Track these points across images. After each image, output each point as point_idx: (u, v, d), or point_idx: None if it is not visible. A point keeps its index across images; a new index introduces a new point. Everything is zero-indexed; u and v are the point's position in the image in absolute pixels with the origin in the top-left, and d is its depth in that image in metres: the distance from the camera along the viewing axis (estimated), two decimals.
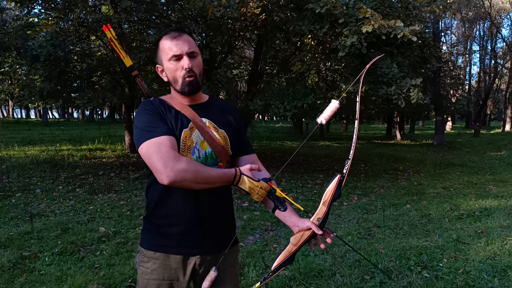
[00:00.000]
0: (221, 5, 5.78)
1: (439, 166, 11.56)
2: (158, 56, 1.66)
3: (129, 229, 5.12)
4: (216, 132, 1.65)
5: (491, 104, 43.07)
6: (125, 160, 11.24)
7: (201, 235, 1.64)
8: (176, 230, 1.62)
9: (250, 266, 3.75)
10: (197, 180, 1.46)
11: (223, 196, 1.71)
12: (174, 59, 1.59)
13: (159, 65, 1.67)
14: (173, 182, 1.41)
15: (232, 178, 1.52)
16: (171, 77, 1.63)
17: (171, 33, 1.62)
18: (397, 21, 5.74)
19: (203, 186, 1.49)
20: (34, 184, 7.81)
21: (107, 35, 1.84)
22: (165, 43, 1.61)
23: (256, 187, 1.53)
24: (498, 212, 5.80)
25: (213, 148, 1.62)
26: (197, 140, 1.61)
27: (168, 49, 1.59)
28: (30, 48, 7.14)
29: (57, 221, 5.28)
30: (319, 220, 1.56)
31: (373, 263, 3.78)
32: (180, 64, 1.59)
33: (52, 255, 4.16)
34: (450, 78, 23.51)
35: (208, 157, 1.62)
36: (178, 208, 1.61)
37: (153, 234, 1.68)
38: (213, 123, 1.66)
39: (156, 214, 1.66)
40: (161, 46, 1.62)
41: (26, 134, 18.88)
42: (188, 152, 1.58)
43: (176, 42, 1.59)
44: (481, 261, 3.87)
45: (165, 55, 1.61)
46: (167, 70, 1.63)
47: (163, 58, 1.63)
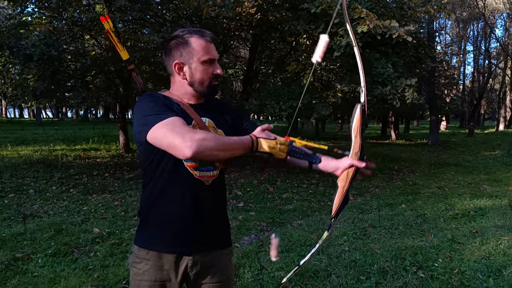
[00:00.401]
0: (216, 4, 5.75)
1: (434, 165, 11.60)
2: (181, 52, 1.58)
3: (124, 230, 5.08)
4: (215, 132, 1.63)
5: (485, 104, 43.35)
6: (119, 160, 11.18)
7: (195, 234, 1.62)
8: (170, 228, 1.61)
9: (245, 267, 3.73)
10: (219, 147, 1.41)
11: (218, 197, 1.70)
12: (209, 62, 1.57)
13: (181, 62, 1.59)
14: (196, 152, 1.34)
15: (250, 145, 1.48)
16: (199, 78, 1.59)
17: (205, 33, 1.58)
18: (392, 21, 5.73)
19: (226, 153, 1.44)
20: (27, 184, 7.74)
21: (104, 26, 1.79)
22: (199, 43, 1.56)
23: (276, 144, 1.50)
24: (493, 212, 5.81)
25: None
26: None
27: (205, 51, 1.56)
28: (23, 47, 7.07)
29: (51, 222, 5.23)
30: (357, 154, 1.57)
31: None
32: (211, 69, 1.58)
33: (45, 256, 4.12)
34: (444, 78, 23.62)
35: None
36: (173, 206, 1.60)
37: (147, 231, 1.66)
38: (212, 122, 1.65)
39: (151, 212, 1.65)
40: (193, 44, 1.56)
41: (19, 134, 18.73)
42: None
43: (211, 45, 1.57)
44: (476, 261, 3.86)
45: (199, 55, 1.56)
46: (195, 70, 1.58)
47: (193, 58, 1.57)
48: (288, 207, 6.57)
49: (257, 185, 8.28)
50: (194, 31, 1.58)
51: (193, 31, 1.58)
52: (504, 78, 37.69)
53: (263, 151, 1.49)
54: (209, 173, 1.62)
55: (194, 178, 1.59)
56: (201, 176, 1.59)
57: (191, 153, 1.34)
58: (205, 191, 1.61)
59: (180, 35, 1.59)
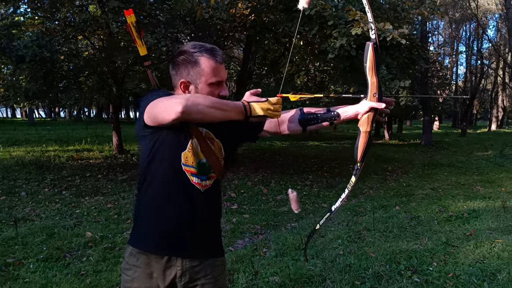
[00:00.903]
0: (210, 6, 5.72)
1: (427, 166, 11.63)
2: (189, 71, 1.54)
3: (117, 233, 5.04)
4: (212, 143, 1.62)
5: (477, 104, 43.60)
6: (112, 161, 11.09)
7: (186, 239, 1.61)
8: (162, 229, 1.61)
9: (239, 272, 3.70)
10: (211, 105, 1.37)
11: (211, 206, 1.68)
12: (216, 84, 1.55)
13: (188, 81, 1.56)
14: (186, 106, 1.30)
15: (243, 109, 1.44)
16: None
17: (216, 53, 1.54)
18: (387, 24, 5.74)
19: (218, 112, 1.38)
20: (19, 186, 7.66)
21: (127, 20, 1.76)
22: (209, 64, 1.53)
23: (268, 105, 1.46)
24: (486, 214, 5.83)
25: (208, 158, 1.60)
26: (196, 148, 1.59)
27: (214, 73, 1.53)
28: (15, 49, 6.99)
29: (43, 226, 5.17)
30: (376, 95, 1.55)
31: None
32: (217, 90, 1.56)
33: (37, 261, 4.06)
34: (437, 79, 23.72)
35: (202, 166, 1.59)
36: (167, 209, 1.59)
37: (139, 231, 1.67)
38: (210, 132, 1.62)
39: (145, 213, 1.65)
40: (203, 65, 1.53)
41: (11, 134, 18.54)
42: (193, 154, 1.58)
43: (221, 66, 1.54)
44: (470, 265, 3.87)
45: (207, 76, 1.53)
46: (201, 91, 1.55)
47: (201, 78, 1.54)
48: (283, 209, 6.55)
49: (251, 186, 8.25)
50: (205, 49, 1.54)
51: (204, 50, 1.54)
52: (496, 78, 37.96)
53: (258, 115, 1.46)
54: (204, 182, 1.61)
55: (191, 184, 1.58)
56: (197, 183, 1.59)
57: (181, 109, 1.29)
58: (200, 198, 1.60)
59: (190, 52, 1.55)
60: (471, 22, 33.14)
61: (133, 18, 1.76)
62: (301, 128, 1.68)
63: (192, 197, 1.59)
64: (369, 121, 1.58)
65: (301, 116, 1.66)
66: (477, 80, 35.90)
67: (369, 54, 1.52)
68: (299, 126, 1.68)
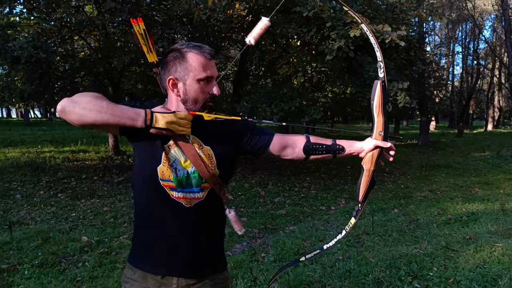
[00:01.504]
0: (207, 7, 5.67)
1: (425, 167, 11.62)
2: (177, 67, 1.47)
3: (113, 237, 4.98)
4: (201, 150, 1.52)
5: (473, 104, 43.69)
6: (108, 163, 11.02)
7: (178, 257, 1.55)
8: (154, 248, 1.55)
9: (238, 279, 3.65)
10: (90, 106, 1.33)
11: (203, 220, 1.58)
12: (205, 80, 1.47)
13: (176, 78, 1.48)
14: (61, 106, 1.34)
15: (141, 118, 1.36)
16: (192, 96, 1.49)
17: (206, 49, 1.47)
18: (385, 26, 5.70)
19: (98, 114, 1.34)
20: (14, 189, 7.58)
21: (134, 28, 1.71)
22: (197, 59, 1.45)
23: (174, 118, 1.39)
24: (485, 217, 5.80)
25: (197, 167, 1.50)
26: (175, 158, 1.50)
27: (202, 69, 1.46)
28: (10, 50, 6.90)
29: (38, 230, 5.11)
30: (381, 134, 1.52)
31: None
32: (207, 88, 1.48)
33: (32, 267, 4.00)
34: (434, 79, 23.73)
35: (191, 177, 1.51)
36: (154, 226, 1.54)
37: (135, 248, 1.63)
38: (197, 139, 1.53)
39: (138, 229, 1.62)
40: (191, 59, 1.45)
41: (6, 135, 18.42)
42: (169, 167, 1.49)
43: (211, 63, 1.47)
44: (471, 270, 3.83)
45: (196, 72, 1.46)
46: (189, 88, 1.48)
47: (189, 74, 1.46)
48: (281, 212, 6.50)
49: (248, 188, 8.20)
50: (193, 45, 1.48)
51: (192, 46, 1.47)
52: (492, 78, 38.06)
53: (160, 128, 1.38)
54: (191, 194, 1.52)
55: (171, 199, 1.50)
56: (180, 198, 1.50)
57: (58, 108, 1.32)
58: (185, 214, 1.51)
59: (178, 48, 1.49)
60: (467, 23, 33.22)
61: (141, 27, 1.70)
62: (304, 156, 1.64)
63: (175, 213, 1.51)
64: (373, 160, 1.55)
65: (307, 144, 1.62)
66: (473, 81, 35.99)
67: (377, 92, 1.49)
68: (302, 153, 1.64)
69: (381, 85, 1.49)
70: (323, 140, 1.63)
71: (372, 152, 1.55)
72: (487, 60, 36.97)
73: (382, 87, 1.49)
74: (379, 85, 1.49)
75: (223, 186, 1.60)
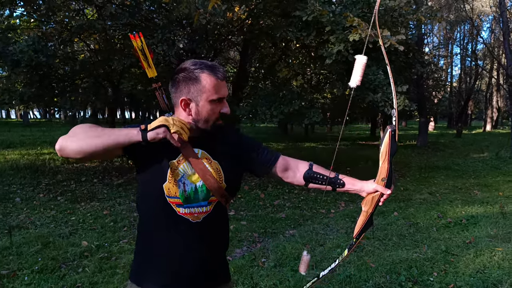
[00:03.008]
0: (208, 12, 5.67)
1: (424, 169, 11.63)
2: (190, 89, 1.48)
3: (113, 242, 4.97)
4: (209, 164, 1.53)
5: (472, 105, 43.77)
6: (108, 165, 11.01)
7: (182, 274, 1.55)
8: (157, 265, 1.55)
9: (238, 285, 3.66)
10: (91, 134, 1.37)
11: (211, 235, 1.60)
12: (218, 101, 1.49)
13: (188, 99, 1.49)
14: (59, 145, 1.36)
15: (134, 129, 1.36)
16: (205, 117, 1.50)
17: (217, 69, 1.48)
18: (384, 30, 5.71)
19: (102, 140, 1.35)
20: (14, 192, 7.58)
21: (133, 44, 1.72)
22: (210, 81, 1.46)
23: (166, 119, 1.37)
24: (485, 220, 5.81)
25: (205, 181, 1.51)
26: (184, 173, 1.50)
27: (215, 90, 1.47)
28: (10, 53, 6.91)
29: (38, 234, 5.10)
30: (384, 180, 1.55)
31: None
32: (218, 108, 1.50)
33: (32, 273, 3.99)
34: (432, 80, 23.76)
35: (199, 191, 1.52)
36: (158, 243, 1.55)
37: (137, 264, 1.63)
38: (206, 153, 1.55)
39: (141, 245, 1.62)
40: (204, 82, 1.46)
41: (6, 136, 18.42)
42: (174, 183, 1.49)
43: (223, 83, 1.48)
44: (471, 275, 3.84)
45: (208, 94, 1.47)
46: (202, 108, 1.49)
47: (202, 96, 1.47)
48: (281, 215, 6.50)
49: (247, 191, 8.20)
50: (205, 66, 1.48)
51: (204, 66, 1.48)
52: (490, 79, 38.11)
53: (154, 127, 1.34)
54: (199, 209, 1.53)
55: (178, 215, 1.51)
56: (186, 214, 1.51)
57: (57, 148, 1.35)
58: (192, 229, 1.53)
59: (191, 69, 1.48)
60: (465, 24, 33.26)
61: (139, 43, 1.71)
62: (303, 183, 1.68)
63: (181, 230, 1.52)
64: (373, 202, 1.59)
65: (308, 172, 1.66)
66: (471, 81, 36.06)
67: (385, 139, 1.51)
68: (302, 180, 1.68)
69: (390, 133, 1.49)
70: (325, 171, 1.67)
71: (372, 195, 1.59)
72: (485, 61, 37.01)
73: (391, 136, 1.49)
74: (388, 133, 1.50)
75: (230, 199, 1.62)
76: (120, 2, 7.43)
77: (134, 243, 4.87)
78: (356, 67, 1.51)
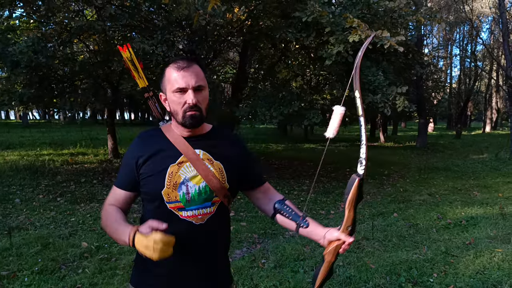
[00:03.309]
0: (207, 13, 5.68)
1: (424, 170, 11.63)
2: (162, 84, 1.56)
3: (113, 243, 4.95)
4: (211, 165, 1.54)
5: (471, 106, 43.80)
6: (107, 166, 11.02)
7: (184, 277, 1.55)
8: (157, 269, 1.55)
9: (238, 286, 3.66)
10: (109, 233, 1.55)
11: (214, 235, 1.59)
12: (179, 91, 1.49)
13: (163, 94, 1.57)
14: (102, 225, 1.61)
15: (127, 240, 1.40)
16: (173, 109, 1.53)
17: (179, 62, 1.51)
18: (384, 32, 5.71)
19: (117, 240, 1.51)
20: (14, 193, 7.57)
21: (122, 55, 1.77)
22: (171, 73, 1.50)
23: (149, 241, 1.32)
24: (485, 221, 5.82)
25: (208, 182, 1.52)
26: (186, 175, 1.51)
27: (174, 81, 1.49)
28: (10, 54, 6.91)
29: (37, 235, 5.10)
30: (349, 229, 1.50)
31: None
32: (184, 98, 1.49)
33: (31, 274, 3.99)
34: (432, 81, 23.79)
35: (202, 192, 1.52)
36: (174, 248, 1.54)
37: (137, 270, 1.63)
38: (207, 154, 1.56)
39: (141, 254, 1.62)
40: (167, 74, 1.52)
41: (5, 137, 18.42)
42: (173, 189, 1.50)
43: (183, 73, 1.48)
44: (471, 276, 3.84)
45: (170, 85, 1.50)
46: (169, 101, 1.53)
47: (167, 88, 1.52)
48: None
49: None
50: (173, 60, 1.55)
51: (172, 61, 1.55)
52: (490, 80, 38.15)
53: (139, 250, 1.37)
54: (203, 210, 1.53)
55: (180, 219, 1.51)
56: (189, 216, 1.52)
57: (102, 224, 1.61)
58: (195, 232, 1.53)
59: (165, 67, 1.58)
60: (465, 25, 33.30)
61: (128, 54, 1.75)
62: (272, 213, 1.69)
63: (185, 233, 1.51)
64: (335, 251, 1.52)
65: (278, 203, 1.67)
66: (471, 82, 36.10)
67: (352, 188, 1.48)
68: (272, 210, 1.68)
69: (358, 182, 1.47)
70: (296, 209, 1.66)
71: (335, 244, 1.52)
72: (485, 62, 37.05)
73: (358, 185, 1.47)
74: (356, 181, 1.47)
75: (232, 200, 1.63)
76: (120, 3, 7.43)
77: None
78: (334, 117, 1.52)
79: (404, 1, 6.70)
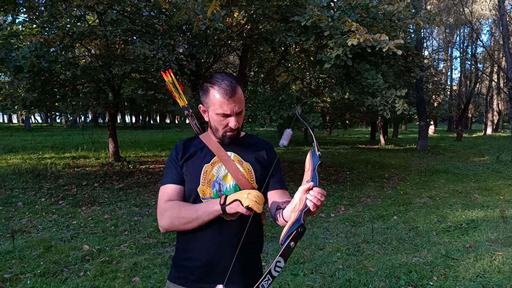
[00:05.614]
0: (207, 18, 5.72)
1: (424, 173, 11.64)
2: (204, 99, 1.66)
3: (114, 246, 5.00)
4: (241, 165, 1.68)
5: (472, 108, 43.79)
6: (109, 169, 11.06)
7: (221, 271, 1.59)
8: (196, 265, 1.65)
9: None
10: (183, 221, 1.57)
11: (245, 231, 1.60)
12: (222, 116, 1.61)
13: (202, 106, 1.69)
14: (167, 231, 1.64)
15: (215, 205, 1.53)
16: (214, 126, 1.67)
17: (224, 87, 1.58)
18: (382, 35, 5.74)
19: (193, 224, 1.56)
20: (16, 196, 7.61)
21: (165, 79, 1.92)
22: (216, 97, 1.59)
23: (242, 193, 1.50)
24: (485, 224, 5.83)
25: (237, 180, 1.65)
26: (218, 174, 1.65)
27: (219, 105, 1.59)
28: (13, 59, 6.96)
29: (40, 238, 5.14)
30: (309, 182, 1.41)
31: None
32: (226, 121, 1.62)
33: (34, 276, 4.03)
34: (432, 84, 23.82)
35: (233, 190, 1.64)
36: (196, 243, 1.65)
37: (176, 266, 1.73)
38: (238, 156, 1.71)
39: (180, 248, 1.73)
40: (211, 95, 1.61)
41: (8, 141, 18.49)
42: (208, 185, 1.63)
43: (228, 101, 1.58)
44: (471, 279, 3.86)
45: (214, 107, 1.62)
46: (211, 118, 1.66)
47: (210, 107, 1.63)
48: None
49: None
50: (218, 81, 1.60)
51: (216, 82, 1.60)
52: (490, 82, 38.14)
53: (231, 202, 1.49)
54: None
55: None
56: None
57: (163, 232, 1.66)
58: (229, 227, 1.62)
59: (208, 81, 1.64)
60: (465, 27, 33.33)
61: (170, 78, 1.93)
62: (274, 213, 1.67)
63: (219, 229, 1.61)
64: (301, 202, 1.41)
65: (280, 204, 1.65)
66: (471, 85, 36.08)
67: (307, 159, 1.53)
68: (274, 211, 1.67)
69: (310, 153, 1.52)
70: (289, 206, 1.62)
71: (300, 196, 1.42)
72: (485, 64, 37.06)
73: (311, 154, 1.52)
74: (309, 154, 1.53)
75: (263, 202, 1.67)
76: (121, 8, 7.49)
77: (134, 247, 4.88)
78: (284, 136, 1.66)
79: (403, 4, 6.73)
